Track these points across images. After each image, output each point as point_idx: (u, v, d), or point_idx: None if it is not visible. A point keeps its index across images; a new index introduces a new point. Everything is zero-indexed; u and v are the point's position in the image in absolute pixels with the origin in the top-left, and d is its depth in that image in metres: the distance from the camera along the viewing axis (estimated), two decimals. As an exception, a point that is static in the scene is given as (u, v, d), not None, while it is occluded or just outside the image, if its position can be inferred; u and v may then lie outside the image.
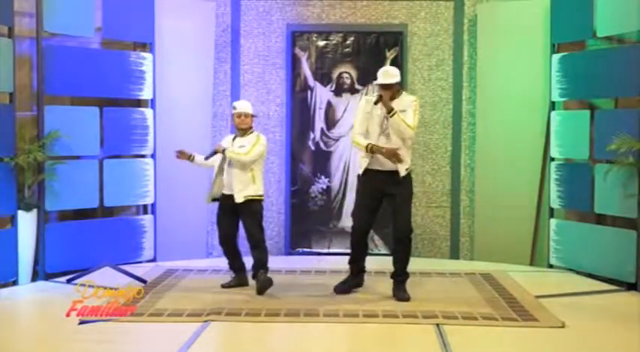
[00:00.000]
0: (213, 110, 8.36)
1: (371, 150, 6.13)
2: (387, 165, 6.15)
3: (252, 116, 6.71)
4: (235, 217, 6.63)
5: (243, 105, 6.76)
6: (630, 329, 5.54)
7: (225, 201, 6.58)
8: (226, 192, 6.57)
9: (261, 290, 6.38)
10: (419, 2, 8.41)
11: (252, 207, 6.54)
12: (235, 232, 6.72)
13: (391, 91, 6.12)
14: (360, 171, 6.29)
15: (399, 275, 6.32)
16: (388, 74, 6.18)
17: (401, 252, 6.29)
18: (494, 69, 8.11)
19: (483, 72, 8.18)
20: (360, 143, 6.19)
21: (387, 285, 6.53)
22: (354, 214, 6.56)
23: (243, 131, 6.67)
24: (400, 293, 6.25)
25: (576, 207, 7.52)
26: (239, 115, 6.67)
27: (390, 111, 6.04)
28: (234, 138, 6.70)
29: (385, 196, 6.25)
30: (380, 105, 6.14)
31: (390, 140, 6.12)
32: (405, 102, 6.20)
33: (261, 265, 6.51)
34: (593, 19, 7.19)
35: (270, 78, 8.49)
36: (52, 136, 6.99)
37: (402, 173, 6.15)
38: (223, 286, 6.68)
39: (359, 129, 6.24)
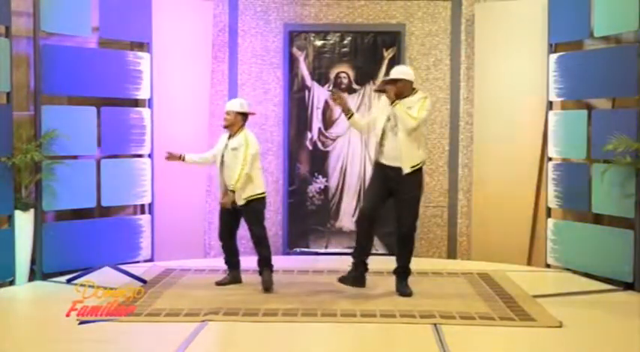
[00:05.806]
0: (211, 109, 8.34)
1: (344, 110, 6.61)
2: (391, 159, 6.30)
3: (240, 114, 6.60)
4: (237, 212, 6.62)
5: (228, 103, 6.80)
6: (628, 329, 5.54)
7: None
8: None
9: (267, 290, 6.46)
10: (416, 2, 8.41)
11: (254, 206, 6.56)
12: (236, 228, 6.75)
13: (395, 87, 6.29)
14: (372, 162, 6.63)
15: (401, 270, 6.45)
16: (395, 71, 6.48)
17: (403, 247, 6.47)
18: (491, 69, 8.11)
19: (481, 71, 8.18)
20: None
21: (384, 285, 6.57)
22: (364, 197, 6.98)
23: (228, 129, 6.64)
24: (402, 288, 6.41)
25: (574, 206, 7.52)
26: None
27: (392, 101, 6.26)
28: (229, 137, 6.65)
29: (393, 191, 6.36)
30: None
31: (396, 136, 6.26)
32: (414, 99, 6.34)
33: (266, 262, 6.56)
34: (590, 19, 7.20)
35: (268, 77, 8.48)
36: (49, 136, 6.99)
37: (406, 170, 6.24)
38: (218, 283, 6.72)
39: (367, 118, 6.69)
